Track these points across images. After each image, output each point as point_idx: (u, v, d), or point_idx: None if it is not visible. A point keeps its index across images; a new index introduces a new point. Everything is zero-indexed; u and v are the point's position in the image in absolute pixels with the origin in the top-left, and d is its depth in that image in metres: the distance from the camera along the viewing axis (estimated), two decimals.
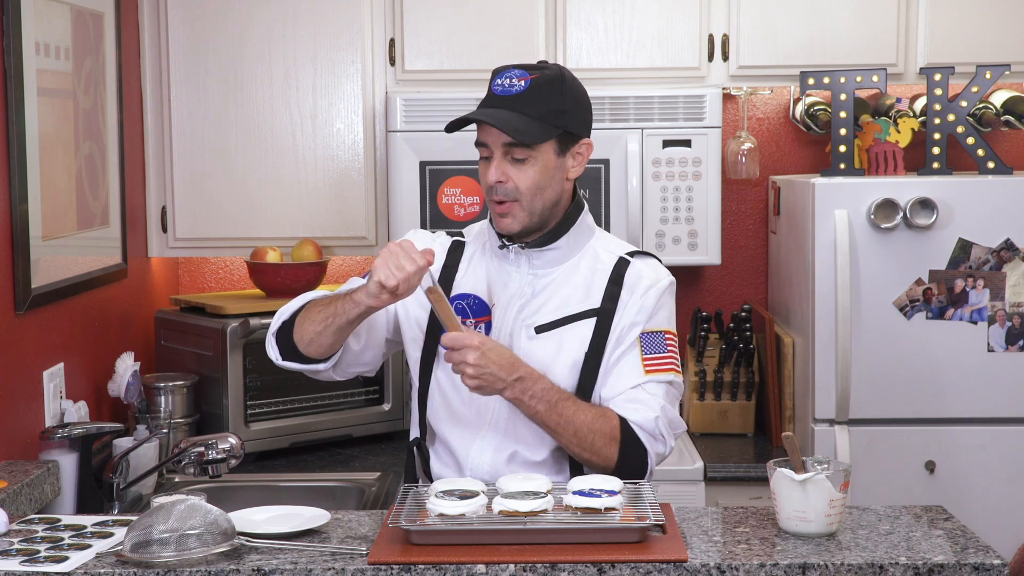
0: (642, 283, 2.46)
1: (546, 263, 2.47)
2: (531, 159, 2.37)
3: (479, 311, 2.48)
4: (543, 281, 2.47)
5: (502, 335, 2.45)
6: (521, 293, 2.47)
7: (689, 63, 3.72)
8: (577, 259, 2.48)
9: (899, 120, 3.71)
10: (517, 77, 2.37)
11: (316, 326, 2.39)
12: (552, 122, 2.37)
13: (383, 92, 3.73)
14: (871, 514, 2.30)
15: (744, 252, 4.15)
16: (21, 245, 2.78)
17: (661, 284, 2.47)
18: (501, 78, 2.39)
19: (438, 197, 3.62)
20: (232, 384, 3.45)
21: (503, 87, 2.38)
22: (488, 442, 2.44)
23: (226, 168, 3.74)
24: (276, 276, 3.69)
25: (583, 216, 2.49)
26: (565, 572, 2.02)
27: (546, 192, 2.41)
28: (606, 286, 2.45)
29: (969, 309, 3.42)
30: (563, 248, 2.46)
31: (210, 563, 2.05)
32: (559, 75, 2.40)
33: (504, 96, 2.37)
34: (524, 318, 2.45)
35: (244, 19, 3.71)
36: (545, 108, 2.37)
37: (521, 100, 2.36)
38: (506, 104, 2.36)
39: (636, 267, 2.48)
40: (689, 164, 3.64)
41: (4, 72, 2.73)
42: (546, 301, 2.46)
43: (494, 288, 2.49)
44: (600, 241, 2.52)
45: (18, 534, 2.22)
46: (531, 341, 2.44)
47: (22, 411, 2.78)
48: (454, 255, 2.55)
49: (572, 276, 2.47)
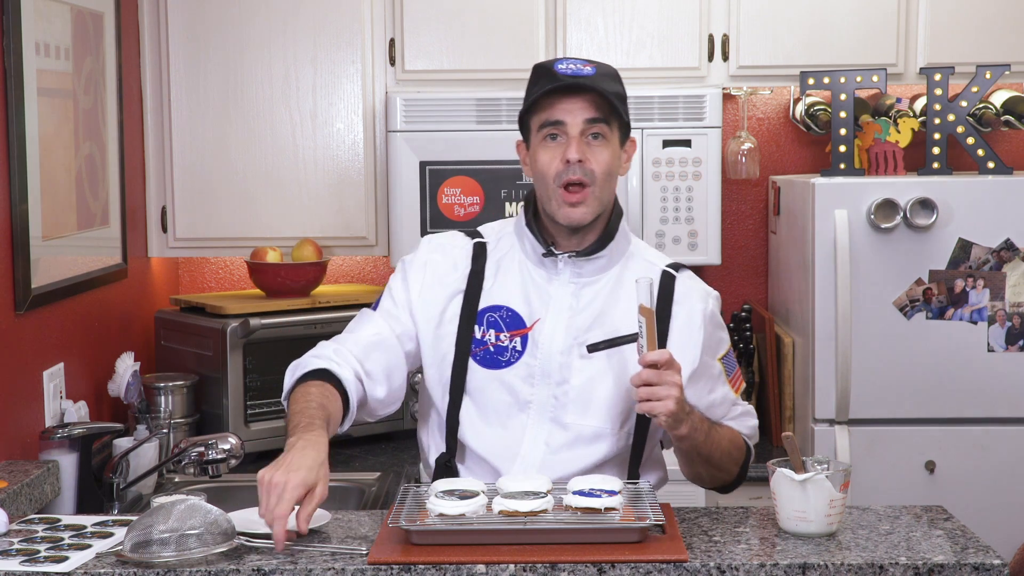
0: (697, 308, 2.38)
1: (589, 272, 2.37)
2: (604, 141, 2.30)
3: (513, 325, 2.36)
4: (587, 292, 2.37)
5: (552, 352, 2.34)
6: (567, 305, 2.36)
7: (689, 63, 3.72)
8: (619, 268, 2.39)
9: (899, 120, 3.71)
10: (581, 64, 2.30)
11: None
12: (622, 107, 2.32)
13: (383, 92, 3.73)
14: (871, 514, 2.30)
15: (744, 252, 4.15)
16: (21, 245, 2.78)
17: (713, 305, 2.42)
18: (563, 64, 2.29)
19: (438, 197, 3.63)
20: (232, 384, 3.45)
21: (572, 70, 2.28)
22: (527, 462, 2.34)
23: (226, 168, 3.75)
24: (276, 276, 3.69)
25: (622, 222, 2.42)
26: (565, 572, 2.02)
27: (613, 181, 2.34)
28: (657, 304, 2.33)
29: (969, 309, 3.42)
30: (607, 256, 2.37)
31: (210, 563, 2.05)
32: (615, 69, 2.36)
33: (577, 76, 2.27)
34: (574, 334, 2.34)
35: (244, 19, 3.71)
36: (615, 91, 2.30)
37: (596, 80, 2.28)
38: (583, 81, 2.27)
39: (683, 283, 2.41)
40: (689, 164, 3.64)
41: (4, 72, 2.73)
42: (596, 317, 2.35)
43: (533, 300, 2.36)
44: (639, 249, 2.45)
45: (18, 534, 2.22)
46: (583, 360, 2.34)
47: (22, 411, 2.78)
48: (479, 260, 2.41)
49: (618, 289, 2.37)
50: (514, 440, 2.36)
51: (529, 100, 2.32)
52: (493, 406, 2.37)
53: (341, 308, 3.64)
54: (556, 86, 2.27)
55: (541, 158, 2.31)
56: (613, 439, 2.37)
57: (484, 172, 3.61)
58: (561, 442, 2.36)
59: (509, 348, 2.35)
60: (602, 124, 2.30)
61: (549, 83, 2.29)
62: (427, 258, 2.45)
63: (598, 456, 2.37)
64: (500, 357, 2.36)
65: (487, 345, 2.36)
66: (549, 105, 2.30)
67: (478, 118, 3.61)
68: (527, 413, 2.36)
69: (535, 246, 2.38)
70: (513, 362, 2.36)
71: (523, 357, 2.35)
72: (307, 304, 3.64)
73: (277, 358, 3.52)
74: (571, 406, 2.36)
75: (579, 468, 2.35)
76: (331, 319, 3.59)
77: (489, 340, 2.36)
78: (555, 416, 2.36)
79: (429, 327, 2.40)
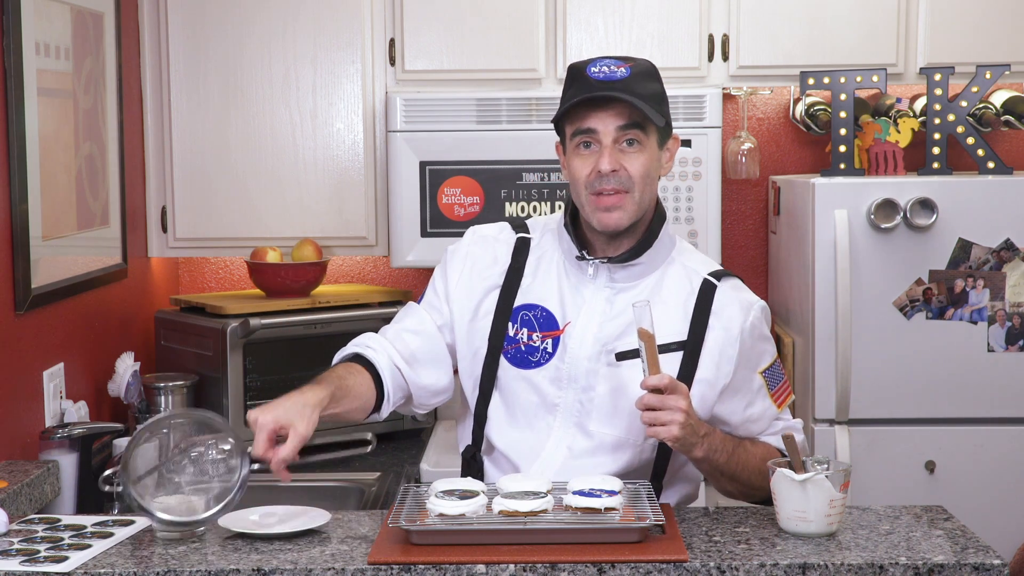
0: (736, 320, 2.31)
1: (626, 277, 2.32)
2: (640, 147, 2.24)
3: (547, 325, 2.32)
4: (622, 299, 2.31)
5: (579, 356, 2.30)
6: (599, 310, 2.32)
7: (689, 63, 3.72)
8: (659, 275, 2.33)
9: (899, 120, 3.71)
10: (615, 64, 2.23)
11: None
12: (660, 109, 2.26)
13: (383, 92, 3.73)
14: (871, 514, 2.30)
15: (744, 252, 4.15)
16: (21, 245, 2.78)
17: (755, 316, 2.33)
18: (596, 66, 2.23)
19: (438, 197, 3.62)
20: (232, 384, 3.45)
21: (604, 74, 2.22)
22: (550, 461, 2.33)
23: (226, 168, 3.75)
24: (276, 276, 3.69)
25: (665, 227, 2.35)
26: (565, 572, 2.02)
27: (653, 184, 2.29)
28: (692, 315, 2.30)
29: (969, 309, 3.42)
30: (645, 263, 2.32)
31: (210, 563, 2.05)
32: (651, 66, 2.29)
33: (609, 81, 2.21)
34: (604, 340, 2.30)
35: (244, 19, 3.71)
36: (652, 92, 2.25)
37: (629, 84, 2.22)
38: (613, 88, 2.21)
39: (724, 293, 2.33)
40: (689, 164, 3.64)
41: (4, 72, 2.73)
42: (627, 325, 2.28)
43: (567, 302, 2.33)
44: (682, 255, 2.37)
45: (18, 534, 2.22)
46: (612, 368, 2.30)
47: (22, 411, 2.78)
48: (519, 257, 2.38)
49: (655, 298, 2.30)
50: (538, 442, 2.34)
51: (562, 107, 2.28)
52: (521, 405, 2.35)
53: (341, 308, 3.64)
54: (586, 97, 2.23)
55: (575, 165, 2.28)
56: (636, 450, 2.33)
57: (484, 172, 3.61)
58: (583, 448, 2.33)
59: (540, 349, 2.33)
60: (636, 130, 2.25)
61: (582, 89, 2.24)
62: (468, 250, 2.43)
63: (619, 466, 2.33)
64: (531, 357, 2.34)
65: (519, 343, 2.34)
66: (582, 112, 2.25)
67: (478, 118, 3.61)
68: (554, 416, 2.34)
69: (571, 248, 2.35)
70: (543, 363, 2.33)
71: (553, 359, 2.33)
72: (307, 304, 3.64)
73: (277, 358, 3.53)
74: (595, 413, 2.32)
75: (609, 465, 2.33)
76: (331, 319, 3.59)
77: (521, 339, 2.34)
78: (579, 422, 2.33)
79: (464, 319, 2.38)
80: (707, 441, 2.22)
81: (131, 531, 2.23)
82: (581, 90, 2.24)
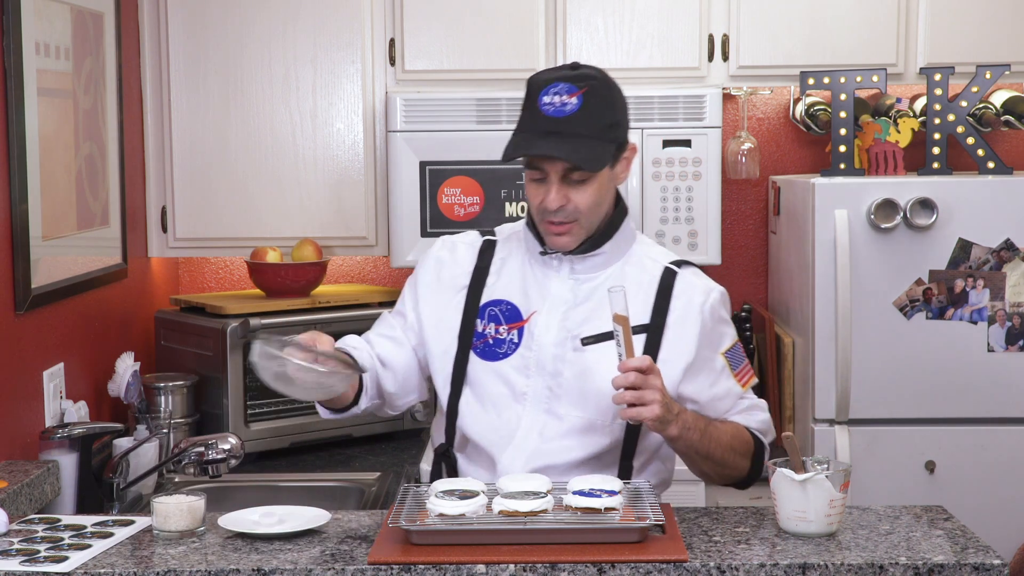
0: (696, 302, 2.38)
1: (588, 268, 2.40)
2: (590, 179, 2.29)
3: (511, 317, 2.40)
4: (585, 288, 2.39)
5: (545, 343, 2.37)
6: (563, 299, 2.39)
7: (689, 63, 3.72)
8: (620, 265, 2.41)
9: (899, 120, 3.71)
10: (567, 93, 2.24)
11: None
12: (609, 138, 2.29)
13: (383, 92, 3.73)
14: (871, 514, 2.30)
15: (744, 252, 4.15)
16: (21, 245, 2.78)
17: (714, 299, 2.41)
18: (548, 94, 2.25)
19: (438, 197, 3.62)
20: (232, 384, 3.45)
21: (554, 107, 2.24)
22: (520, 448, 2.38)
23: (226, 168, 3.75)
24: (276, 276, 3.69)
25: (626, 220, 2.42)
26: (565, 572, 2.02)
27: (603, 205, 2.35)
28: (654, 300, 2.38)
29: (969, 309, 3.42)
30: (607, 253, 2.39)
31: (210, 563, 2.05)
32: (605, 83, 2.31)
33: (557, 118, 2.24)
34: (570, 327, 2.37)
35: (244, 19, 3.71)
36: (601, 125, 2.27)
37: (577, 121, 2.24)
38: (561, 127, 2.24)
39: (684, 279, 2.40)
40: (689, 164, 3.64)
41: (4, 72, 2.73)
42: (592, 311, 2.37)
43: (531, 293, 2.41)
44: (643, 247, 2.45)
45: (18, 534, 2.23)
46: (577, 353, 2.36)
47: (22, 411, 2.78)
48: (485, 256, 2.47)
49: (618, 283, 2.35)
50: (509, 430, 2.39)
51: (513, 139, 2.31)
52: (491, 396, 2.41)
53: (341, 308, 3.65)
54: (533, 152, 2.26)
55: (528, 190, 2.35)
56: (605, 431, 2.39)
57: (484, 172, 3.61)
58: (555, 432, 2.38)
59: (507, 340, 2.40)
60: (581, 170, 2.28)
61: (531, 122, 2.28)
62: (437, 255, 2.52)
63: (591, 448, 2.39)
64: (498, 349, 2.41)
65: (487, 338, 2.42)
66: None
67: (478, 118, 3.61)
68: (523, 404, 2.39)
69: (534, 244, 2.42)
70: (510, 354, 2.40)
71: (519, 349, 2.40)
72: (307, 304, 3.64)
73: None
74: (565, 397, 2.38)
75: (572, 458, 2.37)
76: (331, 319, 3.59)
77: (489, 333, 2.42)
78: (549, 407, 2.39)
79: (433, 321, 2.46)
80: (681, 419, 2.26)
81: (131, 531, 2.24)
82: (530, 124, 2.28)
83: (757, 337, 3.91)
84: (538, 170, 2.30)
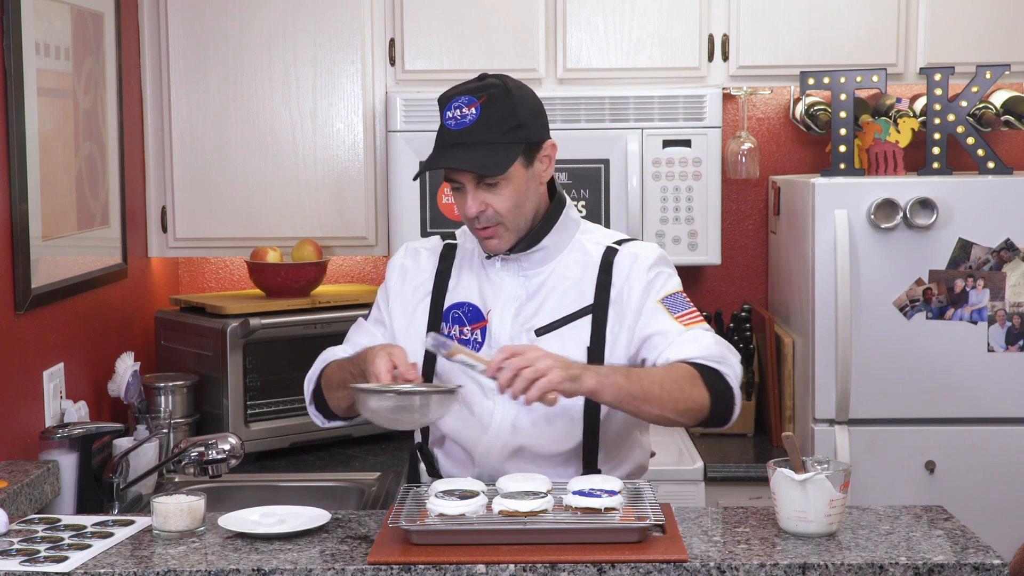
0: (625, 264, 2.44)
1: (535, 263, 2.47)
2: (502, 182, 2.36)
3: (473, 318, 2.48)
4: (535, 282, 2.47)
5: (502, 340, 2.44)
6: (515, 296, 2.46)
7: (689, 63, 3.72)
8: (565, 254, 2.47)
9: (899, 120, 3.71)
10: (466, 105, 2.35)
11: (343, 401, 2.46)
12: (512, 140, 2.36)
13: (383, 92, 3.73)
14: (871, 514, 2.30)
15: (744, 252, 4.15)
16: (21, 245, 2.78)
17: (650, 257, 2.45)
18: (451, 109, 2.36)
19: (438, 197, 3.62)
20: (232, 384, 3.45)
21: (456, 120, 2.35)
22: (495, 439, 2.44)
23: (226, 168, 3.75)
24: (276, 276, 3.69)
25: (565, 212, 2.48)
26: (565, 572, 2.02)
27: (526, 205, 2.41)
28: (597, 279, 2.44)
29: (969, 309, 3.42)
30: (549, 247, 2.46)
31: (210, 563, 2.05)
32: (505, 89, 2.38)
33: (459, 130, 2.35)
34: (523, 321, 2.45)
35: (244, 19, 3.71)
36: (502, 129, 2.35)
37: (477, 130, 2.34)
38: (463, 138, 2.34)
39: (623, 252, 2.47)
40: (689, 164, 3.64)
41: (4, 72, 2.73)
42: (542, 302, 2.45)
43: (487, 294, 2.48)
44: (586, 234, 2.51)
45: (18, 534, 2.23)
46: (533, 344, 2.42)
47: (22, 411, 2.78)
48: (446, 260, 2.55)
49: (564, 273, 2.46)
50: (481, 425, 2.45)
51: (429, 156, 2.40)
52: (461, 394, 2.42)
53: (341, 308, 3.65)
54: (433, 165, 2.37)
55: (455, 200, 2.44)
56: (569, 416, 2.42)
57: None
58: (527, 421, 2.43)
59: (471, 341, 2.47)
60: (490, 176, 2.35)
61: (440, 137, 2.39)
62: (402, 263, 2.60)
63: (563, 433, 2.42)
64: None
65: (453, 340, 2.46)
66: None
67: None
68: (493, 400, 2.44)
69: (481, 251, 2.50)
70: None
71: (483, 348, 2.45)
72: (307, 304, 3.63)
73: (277, 358, 3.53)
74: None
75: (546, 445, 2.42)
76: (331, 319, 3.59)
77: (455, 335, 2.48)
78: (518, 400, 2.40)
79: (403, 327, 2.54)
80: (592, 371, 2.24)
81: (131, 531, 2.24)
82: (440, 140, 2.39)
83: (757, 337, 3.91)
84: (455, 181, 2.40)
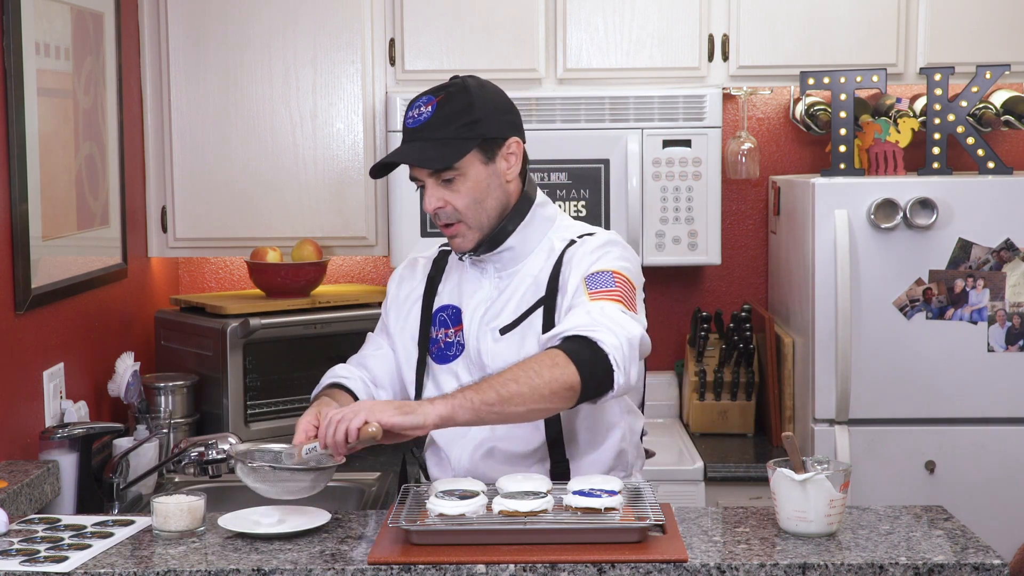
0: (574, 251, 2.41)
1: (507, 263, 2.48)
2: (459, 178, 2.38)
3: (456, 320, 2.51)
4: (507, 282, 2.49)
5: (471, 338, 2.47)
6: (487, 297, 2.49)
7: (689, 63, 3.72)
8: (536, 253, 2.48)
9: (899, 120, 3.71)
10: (424, 104, 2.39)
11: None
12: (466, 135, 2.37)
13: (383, 92, 3.73)
14: (871, 514, 2.30)
15: (744, 252, 4.15)
16: (21, 245, 2.78)
17: (598, 240, 2.42)
18: (412, 109, 2.40)
19: None
20: (232, 384, 3.45)
21: (413, 119, 2.39)
22: (468, 441, 2.47)
23: (226, 168, 3.75)
24: (276, 276, 3.69)
25: (535, 209, 2.47)
26: (565, 572, 2.02)
27: (487, 202, 2.41)
28: (551, 271, 2.44)
29: (969, 309, 3.42)
30: (516, 246, 2.46)
31: (210, 563, 2.05)
32: (463, 87, 2.40)
33: (415, 128, 2.39)
34: (488, 321, 2.47)
35: (244, 19, 3.71)
36: (456, 125, 2.37)
37: (430, 126, 2.37)
38: (418, 135, 2.38)
39: (578, 243, 2.43)
40: (689, 164, 3.64)
41: (4, 72, 2.73)
42: (507, 302, 2.47)
43: (466, 295, 2.52)
44: (559, 231, 2.49)
45: (18, 534, 2.23)
46: (496, 343, 2.45)
47: (22, 411, 2.78)
48: (438, 266, 2.60)
49: (529, 271, 2.47)
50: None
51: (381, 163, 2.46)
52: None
53: (341, 308, 3.65)
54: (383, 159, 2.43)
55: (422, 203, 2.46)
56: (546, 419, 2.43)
57: None
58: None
59: (454, 343, 2.51)
60: (444, 170, 2.38)
61: (402, 136, 2.43)
62: (401, 273, 2.66)
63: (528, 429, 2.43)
64: (448, 352, 2.52)
65: (440, 343, 2.54)
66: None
67: None
68: None
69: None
70: (459, 355, 2.50)
71: (465, 349, 2.50)
72: (307, 304, 3.63)
73: (277, 358, 3.53)
74: None
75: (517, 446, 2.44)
76: (331, 319, 3.59)
77: (441, 338, 2.53)
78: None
79: (398, 332, 2.60)
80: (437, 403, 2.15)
81: (131, 531, 2.24)
82: (401, 138, 2.43)
83: (757, 337, 3.91)
84: (416, 179, 2.43)
